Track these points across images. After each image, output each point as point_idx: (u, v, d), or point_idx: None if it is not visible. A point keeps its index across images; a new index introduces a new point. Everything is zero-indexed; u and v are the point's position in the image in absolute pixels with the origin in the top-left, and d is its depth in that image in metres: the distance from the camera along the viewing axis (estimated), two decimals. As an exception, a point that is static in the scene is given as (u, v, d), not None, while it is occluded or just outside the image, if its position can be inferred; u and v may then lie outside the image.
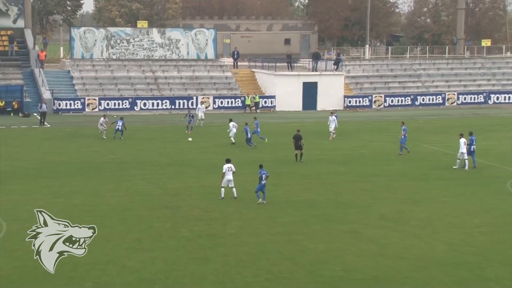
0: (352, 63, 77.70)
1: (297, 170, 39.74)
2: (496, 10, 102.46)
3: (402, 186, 36.04)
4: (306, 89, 69.52)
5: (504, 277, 22.81)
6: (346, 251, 25.23)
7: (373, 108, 70.19)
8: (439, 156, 44.50)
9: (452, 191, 34.79)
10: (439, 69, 77.59)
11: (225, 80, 72.19)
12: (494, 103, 72.17)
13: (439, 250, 25.41)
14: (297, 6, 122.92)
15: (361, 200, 32.91)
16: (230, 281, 22.15)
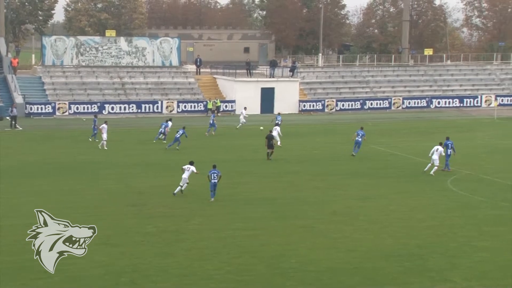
0: (306, 70, 78.00)
1: (256, 169, 39.79)
2: (438, 22, 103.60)
3: (352, 184, 36.28)
4: (264, 94, 69.69)
5: (443, 267, 23.09)
6: (301, 245, 25.33)
7: (325, 112, 70.56)
8: (386, 156, 44.87)
9: (398, 189, 35.10)
10: (386, 76, 78.21)
11: (189, 85, 72.02)
12: (435, 107, 72.93)
13: (386, 243, 25.64)
14: (256, 17, 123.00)
15: (315, 197, 33.06)
16: (192, 273, 22.11)
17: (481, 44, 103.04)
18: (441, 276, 22.29)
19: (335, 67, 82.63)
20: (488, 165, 41.51)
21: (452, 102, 73.85)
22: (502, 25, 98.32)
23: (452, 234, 26.84)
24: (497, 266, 23.18)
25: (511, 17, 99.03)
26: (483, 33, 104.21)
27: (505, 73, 79.83)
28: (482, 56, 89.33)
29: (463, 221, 28.91)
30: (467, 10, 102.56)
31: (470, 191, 34.40)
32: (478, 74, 79.59)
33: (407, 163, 42.44)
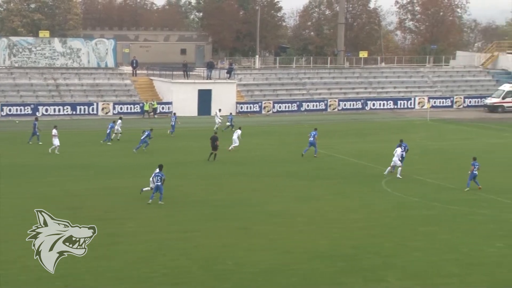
0: (243, 72, 78.10)
1: (194, 171, 39.66)
2: (372, 25, 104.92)
3: (289, 186, 36.47)
4: (201, 96, 69.53)
5: (378, 267, 23.41)
6: (238, 246, 25.35)
7: (262, 113, 70.79)
8: (323, 157, 45.22)
9: (334, 190, 35.44)
10: (322, 78, 78.85)
11: (125, 87, 71.35)
12: (370, 109, 73.87)
13: (322, 244, 25.85)
14: (192, 18, 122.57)
15: (252, 199, 33.14)
16: (128, 277, 21.91)
17: (414, 47, 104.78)
18: (376, 275, 22.59)
19: (272, 69, 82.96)
20: (421, 166, 42.24)
21: (387, 104, 74.92)
22: (434, 28, 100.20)
23: (387, 234, 27.23)
24: (430, 265, 23.61)
25: (442, 21, 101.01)
26: (416, 36, 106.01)
27: (437, 76, 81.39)
28: (415, 58, 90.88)
29: (398, 221, 29.35)
30: (401, 13, 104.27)
31: (404, 191, 34.95)
32: (411, 76, 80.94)
33: (343, 164, 42.89)
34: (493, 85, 78.41)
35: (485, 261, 24.03)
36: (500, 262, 23.89)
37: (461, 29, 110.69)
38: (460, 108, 75.11)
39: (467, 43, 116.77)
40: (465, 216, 30.15)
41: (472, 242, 26.24)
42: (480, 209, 31.38)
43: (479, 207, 31.65)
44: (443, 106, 75.40)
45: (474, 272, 22.96)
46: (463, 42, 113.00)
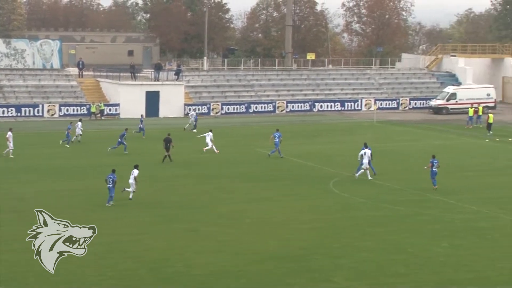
0: (191, 74, 77.87)
1: (143, 173, 39.31)
2: (319, 27, 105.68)
3: (239, 187, 36.52)
4: (149, 97, 69.12)
5: (326, 268, 23.59)
6: (187, 249, 25.28)
7: (211, 115, 70.69)
8: (272, 159, 45.36)
9: (283, 191, 35.58)
10: (270, 79, 79.07)
11: (71, 88, 70.52)
12: (318, 111, 74.33)
13: (271, 245, 25.94)
14: (139, 20, 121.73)
15: (202, 201, 33.08)
16: (74, 280, 21.66)
17: (360, 49, 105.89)
18: (324, 276, 22.76)
19: (220, 70, 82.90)
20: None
21: (334, 106, 75.50)
22: (380, 31, 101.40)
23: (336, 235, 27.46)
24: (378, 265, 23.89)
25: (388, 23, 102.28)
26: (362, 38, 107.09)
27: (383, 78, 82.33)
28: (362, 61, 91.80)
29: (346, 222, 29.63)
30: (347, 16, 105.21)
31: (352, 192, 35.27)
32: (358, 78, 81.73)
33: (292, 165, 43.08)
34: (438, 87, 79.65)
35: (431, 261, 24.42)
36: (446, 262, 24.31)
37: (406, 32, 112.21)
38: (406, 110, 76.11)
39: (412, 46, 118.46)
40: (412, 217, 30.58)
41: (419, 242, 26.63)
42: (426, 209, 31.87)
43: (426, 208, 32.14)
44: (389, 108, 76.31)
45: (421, 272, 23.30)
46: (408, 44, 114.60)
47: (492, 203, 33.18)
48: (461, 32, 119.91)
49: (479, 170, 41.27)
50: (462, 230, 28.42)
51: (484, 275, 22.95)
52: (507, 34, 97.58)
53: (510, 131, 59.63)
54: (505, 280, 22.56)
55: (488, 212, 31.45)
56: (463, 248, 25.99)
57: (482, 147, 50.80)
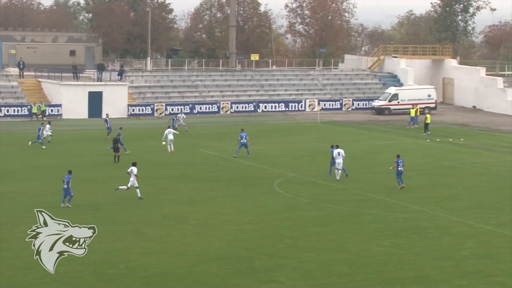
0: (135, 74, 77.30)
1: (84, 174, 38.90)
2: (263, 28, 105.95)
3: (182, 188, 36.39)
4: (92, 98, 68.40)
5: (271, 268, 23.67)
6: (130, 250, 25.09)
7: (155, 116, 70.30)
8: (216, 160, 45.34)
9: (226, 192, 35.58)
10: (214, 80, 79.01)
11: (11, 89, 69.31)
12: (262, 112, 74.55)
13: (215, 246, 25.92)
14: (81, 19, 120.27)
15: (145, 202, 32.84)
16: (15, 283, 21.31)
17: (304, 50, 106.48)
18: (269, 276, 22.84)
19: (164, 71, 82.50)
20: (312, 167, 42.96)
21: (278, 107, 75.82)
22: (323, 32, 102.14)
23: (279, 236, 27.58)
24: (322, 265, 24.07)
25: (331, 25, 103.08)
26: (305, 39, 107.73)
27: (326, 79, 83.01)
28: (305, 61, 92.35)
29: (290, 222, 29.77)
30: (291, 17, 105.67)
31: (296, 193, 35.46)
32: (302, 79, 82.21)
33: (237, 166, 43.10)
34: (380, 88, 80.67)
35: (374, 260, 24.70)
36: (388, 261, 24.62)
37: (349, 33, 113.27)
38: (349, 111, 76.85)
39: (354, 47, 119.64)
40: (354, 217, 30.90)
41: (361, 241, 26.93)
42: (368, 209, 32.23)
43: (368, 208, 32.50)
44: (332, 109, 76.96)
45: (363, 271, 23.56)
46: (351, 45, 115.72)
47: (433, 202, 33.76)
48: (402, 34, 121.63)
49: (420, 170, 41.91)
50: (404, 229, 28.83)
51: (426, 274, 23.32)
52: (446, 36, 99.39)
53: (451, 132, 60.76)
54: (446, 278, 22.96)
55: (430, 211, 31.98)
56: (405, 247, 26.37)
57: (423, 147, 51.61)
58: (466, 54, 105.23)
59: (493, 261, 24.58)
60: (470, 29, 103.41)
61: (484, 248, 26.18)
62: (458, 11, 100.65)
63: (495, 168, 43.17)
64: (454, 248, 26.14)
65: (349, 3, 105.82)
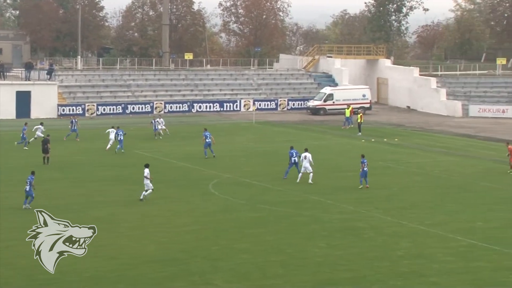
0: (65, 73, 76.26)
1: (13, 177, 38.26)
2: (197, 27, 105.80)
3: (115, 190, 36.16)
4: (19, 97, 67.27)
5: (206, 270, 23.75)
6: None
7: (86, 116, 69.51)
8: (149, 161, 45.03)
9: (161, 194, 35.44)
10: (147, 79, 78.53)
11: None
12: (197, 112, 74.46)
13: (150, 249, 25.85)
14: (8, 16, 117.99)
15: (76, 205, 32.53)
16: None
17: (239, 50, 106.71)
18: (204, 279, 22.91)
19: (95, 70, 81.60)
20: (247, 168, 43.18)
21: (213, 107, 75.83)
22: (258, 31, 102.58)
23: (215, 238, 27.67)
24: (257, 266, 24.26)
25: (266, 24, 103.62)
26: (240, 38, 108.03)
27: (261, 78, 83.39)
28: (240, 61, 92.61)
29: (225, 224, 29.89)
30: (225, 15, 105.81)
31: (231, 194, 35.60)
32: (236, 79, 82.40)
33: (171, 167, 43.02)
34: (315, 88, 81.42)
35: (309, 261, 25.01)
36: (323, 262, 24.96)
37: (283, 32, 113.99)
38: (284, 111, 77.38)
39: (289, 46, 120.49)
40: (290, 218, 31.19)
41: (297, 243, 27.22)
42: (304, 210, 32.58)
43: (304, 209, 32.85)
44: (268, 109, 77.37)
45: (299, 273, 23.83)
46: (285, 45, 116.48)
47: (368, 202, 34.33)
48: (337, 33, 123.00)
49: (356, 171, 42.36)
50: (339, 230, 29.25)
51: (361, 275, 23.72)
52: (380, 36, 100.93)
53: (385, 132, 61.79)
54: (381, 279, 23.40)
55: (365, 211, 32.51)
56: (341, 247, 26.76)
57: (358, 148, 52.29)
58: (400, 54, 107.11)
59: (427, 261, 25.16)
60: (404, 29, 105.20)
61: (418, 248, 26.77)
62: (391, 11, 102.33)
63: (429, 168, 44.13)
64: (389, 249, 26.66)
65: (284, 2, 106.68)
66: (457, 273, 23.98)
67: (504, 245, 27.11)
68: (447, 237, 28.36)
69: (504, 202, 35.04)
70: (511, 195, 36.63)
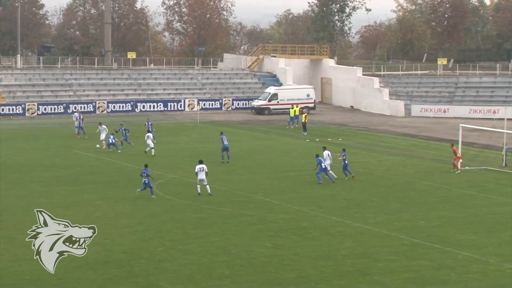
0: (4, 72, 74.96)
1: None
2: (140, 25, 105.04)
3: (56, 191, 35.61)
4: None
5: (150, 272, 23.55)
6: (1, 257, 24.35)
7: (26, 116, 68.40)
8: (92, 161, 44.58)
9: (103, 194, 35.07)
10: (89, 79, 77.67)
11: None
12: (140, 111, 73.92)
13: (92, 251, 25.23)
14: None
15: (16, 207, 31.94)
16: None
17: (182, 49, 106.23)
18: (148, 281, 22.70)
19: (36, 69, 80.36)
20: (192, 168, 42.78)
21: (157, 106, 75.38)
22: (202, 31, 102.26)
23: (159, 239, 27.45)
24: (202, 268, 24.14)
25: (209, 23, 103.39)
26: (184, 37, 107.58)
27: (206, 78, 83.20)
28: (184, 60, 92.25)
29: (170, 225, 29.69)
30: (168, 14, 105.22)
31: (175, 194, 35.38)
32: (181, 78, 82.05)
33: (113, 168, 42.58)
34: (260, 88, 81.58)
35: (254, 261, 24.99)
36: (269, 262, 24.97)
37: (227, 32, 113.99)
38: (229, 110, 77.34)
39: (234, 46, 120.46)
40: (235, 218, 31.14)
41: (242, 243, 27.18)
42: (249, 210, 32.57)
43: (249, 209, 32.84)
44: (212, 108, 77.23)
45: (244, 273, 23.79)
46: (230, 44, 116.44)
47: (313, 202, 34.48)
48: (281, 33, 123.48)
49: (300, 170, 42.68)
50: (284, 229, 29.30)
51: (306, 274, 23.80)
52: (324, 35, 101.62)
53: (329, 131, 62.22)
54: (326, 278, 23.51)
55: (309, 211, 32.65)
56: (286, 247, 26.80)
57: (302, 147, 52.58)
58: (343, 54, 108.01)
59: (371, 260, 25.37)
60: (347, 29, 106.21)
61: (362, 247, 26.99)
62: (334, 11, 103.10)
63: (373, 167, 44.56)
64: (333, 248, 26.81)
65: (227, 1, 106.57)
66: (400, 272, 24.24)
67: (445, 244, 27.52)
68: (390, 236, 28.65)
69: (445, 201, 35.59)
70: (452, 194, 37.23)
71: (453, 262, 25.42)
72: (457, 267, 24.83)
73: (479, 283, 23.46)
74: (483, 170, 44.13)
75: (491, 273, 24.41)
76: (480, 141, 56.43)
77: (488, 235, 29.21)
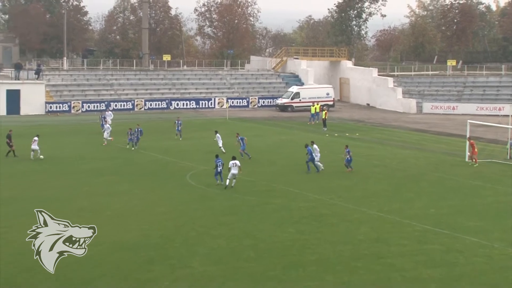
0: (52, 73, 75.54)
1: (1, 170, 37.79)
2: (174, 30, 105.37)
3: (98, 182, 35.83)
4: (10, 96, 66.67)
5: (184, 255, 23.58)
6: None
7: (72, 113, 68.97)
8: (128, 153, 44.78)
9: (142, 184, 35.23)
10: (128, 79, 78.06)
11: None
12: (174, 109, 74.17)
13: (130, 236, 25.65)
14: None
15: (62, 195, 32.19)
16: None
17: (213, 51, 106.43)
18: (182, 263, 22.80)
19: (80, 70, 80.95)
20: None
21: (189, 104, 75.61)
22: (230, 35, 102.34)
23: (192, 224, 27.54)
24: (231, 251, 24.19)
25: (237, 28, 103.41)
26: (214, 41, 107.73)
27: (234, 78, 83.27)
28: (214, 62, 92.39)
29: (201, 212, 29.76)
30: (200, 20, 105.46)
31: (207, 184, 35.44)
32: (211, 78, 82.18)
33: (151, 160, 42.76)
34: (283, 87, 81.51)
35: (278, 245, 24.99)
36: (291, 246, 24.95)
37: (254, 36, 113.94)
38: (255, 108, 77.34)
39: (259, 49, 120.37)
40: (260, 206, 31.13)
41: (267, 228, 27.18)
42: (274, 199, 32.55)
43: (273, 197, 32.81)
44: (240, 106, 77.30)
45: (269, 256, 23.79)
46: (256, 47, 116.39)
47: (331, 191, 34.38)
48: (303, 37, 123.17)
49: (320, 162, 42.53)
50: (306, 216, 29.26)
51: (326, 257, 23.76)
52: (342, 39, 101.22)
53: (347, 127, 61.99)
54: (344, 260, 23.46)
55: (328, 200, 32.56)
56: (307, 233, 26.77)
57: (322, 142, 52.35)
58: (360, 56, 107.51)
59: (385, 244, 25.26)
60: (364, 33, 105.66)
61: (376, 233, 26.87)
62: (352, 16, 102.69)
63: (387, 160, 44.33)
64: (350, 234, 26.72)
65: (254, 8, 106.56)
66: (412, 255, 24.12)
67: (454, 230, 27.33)
68: (403, 222, 28.50)
69: (454, 191, 35.32)
70: (461, 185, 36.94)
71: (461, 246, 25.24)
72: (465, 251, 24.65)
73: (485, 266, 23.30)
74: (490, 163, 43.73)
75: (496, 256, 24.23)
76: (486, 135, 55.91)
77: (494, 222, 28.97)
